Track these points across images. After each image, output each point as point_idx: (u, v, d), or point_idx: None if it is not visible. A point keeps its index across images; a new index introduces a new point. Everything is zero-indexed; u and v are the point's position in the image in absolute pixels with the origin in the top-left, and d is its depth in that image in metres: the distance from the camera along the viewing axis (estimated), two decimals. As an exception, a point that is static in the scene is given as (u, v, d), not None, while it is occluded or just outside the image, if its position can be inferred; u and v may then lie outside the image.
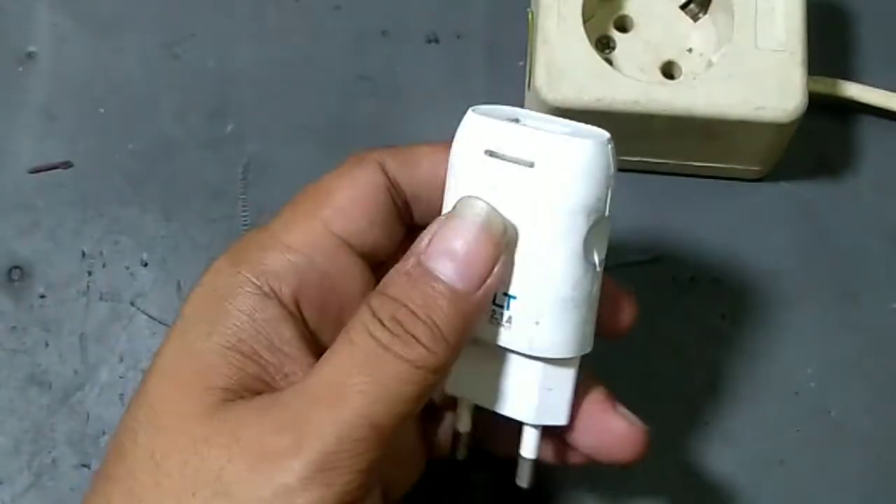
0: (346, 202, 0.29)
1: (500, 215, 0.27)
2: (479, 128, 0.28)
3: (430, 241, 0.27)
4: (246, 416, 0.26)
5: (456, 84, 0.42)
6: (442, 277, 0.26)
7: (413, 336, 0.26)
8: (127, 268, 0.40)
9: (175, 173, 0.41)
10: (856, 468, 0.38)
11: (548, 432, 0.30)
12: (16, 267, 0.40)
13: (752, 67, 0.36)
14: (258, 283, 0.28)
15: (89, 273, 0.40)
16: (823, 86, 0.40)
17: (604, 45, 0.40)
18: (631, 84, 0.36)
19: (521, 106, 0.40)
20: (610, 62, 0.38)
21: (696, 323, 0.39)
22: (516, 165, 0.27)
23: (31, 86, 0.42)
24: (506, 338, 0.28)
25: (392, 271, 0.27)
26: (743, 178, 0.41)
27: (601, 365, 0.38)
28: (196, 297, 0.28)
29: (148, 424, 0.27)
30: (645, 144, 0.39)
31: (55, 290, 0.40)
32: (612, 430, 0.30)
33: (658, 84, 0.37)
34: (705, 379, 0.38)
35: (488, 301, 0.27)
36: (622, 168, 0.40)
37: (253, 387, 0.27)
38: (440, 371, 0.26)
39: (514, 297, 0.28)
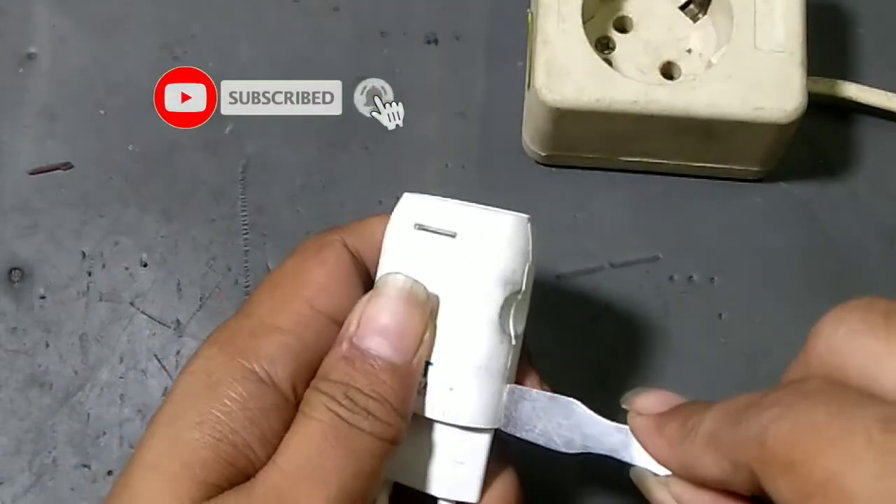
0: (324, 280, 0.29)
1: (422, 285, 0.28)
2: (411, 204, 0.30)
3: (358, 322, 0.27)
4: (231, 501, 0.25)
5: (455, 85, 0.42)
6: (379, 354, 0.27)
7: (367, 411, 0.26)
8: (126, 268, 0.40)
9: (175, 174, 0.41)
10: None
11: None
12: (16, 268, 0.40)
13: (752, 68, 0.36)
14: (254, 368, 0.27)
15: (89, 273, 0.40)
16: (822, 86, 0.40)
17: (603, 46, 0.40)
18: (630, 84, 0.36)
19: (521, 106, 0.41)
20: (609, 63, 0.38)
21: (695, 322, 0.39)
22: (441, 236, 0.28)
23: (31, 86, 0.42)
24: (420, 404, 0.28)
25: (327, 359, 0.27)
26: (742, 179, 0.41)
27: (601, 365, 0.38)
28: (186, 383, 0.27)
29: None
30: (644, 144, 0.39)
31: (55, 290, 0.40)
32: None
33: (657, 84, 0.37)
34: (704, 378, 0.39)
35: (422, 368, 0.28)
36: (622, 168, 0.41)
37: (237, 481, 0.26)
38: (398, 441, 0.27)
39: (432, 364, 0.28)
